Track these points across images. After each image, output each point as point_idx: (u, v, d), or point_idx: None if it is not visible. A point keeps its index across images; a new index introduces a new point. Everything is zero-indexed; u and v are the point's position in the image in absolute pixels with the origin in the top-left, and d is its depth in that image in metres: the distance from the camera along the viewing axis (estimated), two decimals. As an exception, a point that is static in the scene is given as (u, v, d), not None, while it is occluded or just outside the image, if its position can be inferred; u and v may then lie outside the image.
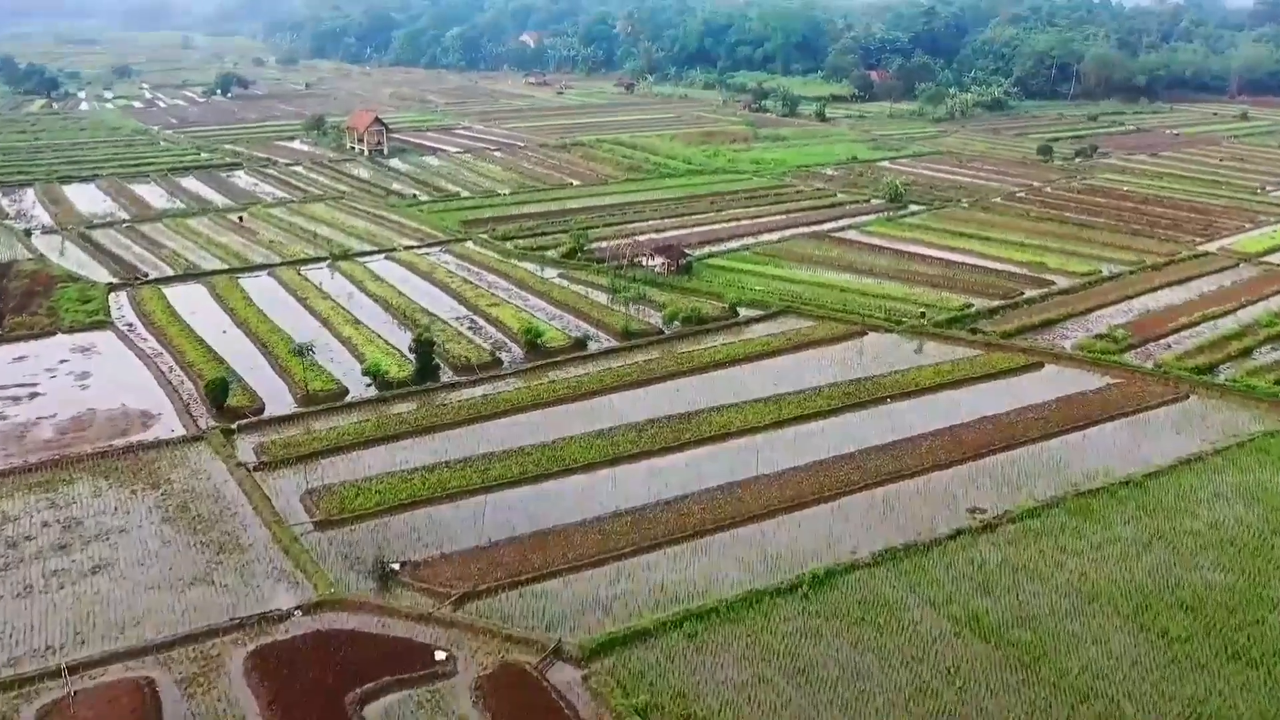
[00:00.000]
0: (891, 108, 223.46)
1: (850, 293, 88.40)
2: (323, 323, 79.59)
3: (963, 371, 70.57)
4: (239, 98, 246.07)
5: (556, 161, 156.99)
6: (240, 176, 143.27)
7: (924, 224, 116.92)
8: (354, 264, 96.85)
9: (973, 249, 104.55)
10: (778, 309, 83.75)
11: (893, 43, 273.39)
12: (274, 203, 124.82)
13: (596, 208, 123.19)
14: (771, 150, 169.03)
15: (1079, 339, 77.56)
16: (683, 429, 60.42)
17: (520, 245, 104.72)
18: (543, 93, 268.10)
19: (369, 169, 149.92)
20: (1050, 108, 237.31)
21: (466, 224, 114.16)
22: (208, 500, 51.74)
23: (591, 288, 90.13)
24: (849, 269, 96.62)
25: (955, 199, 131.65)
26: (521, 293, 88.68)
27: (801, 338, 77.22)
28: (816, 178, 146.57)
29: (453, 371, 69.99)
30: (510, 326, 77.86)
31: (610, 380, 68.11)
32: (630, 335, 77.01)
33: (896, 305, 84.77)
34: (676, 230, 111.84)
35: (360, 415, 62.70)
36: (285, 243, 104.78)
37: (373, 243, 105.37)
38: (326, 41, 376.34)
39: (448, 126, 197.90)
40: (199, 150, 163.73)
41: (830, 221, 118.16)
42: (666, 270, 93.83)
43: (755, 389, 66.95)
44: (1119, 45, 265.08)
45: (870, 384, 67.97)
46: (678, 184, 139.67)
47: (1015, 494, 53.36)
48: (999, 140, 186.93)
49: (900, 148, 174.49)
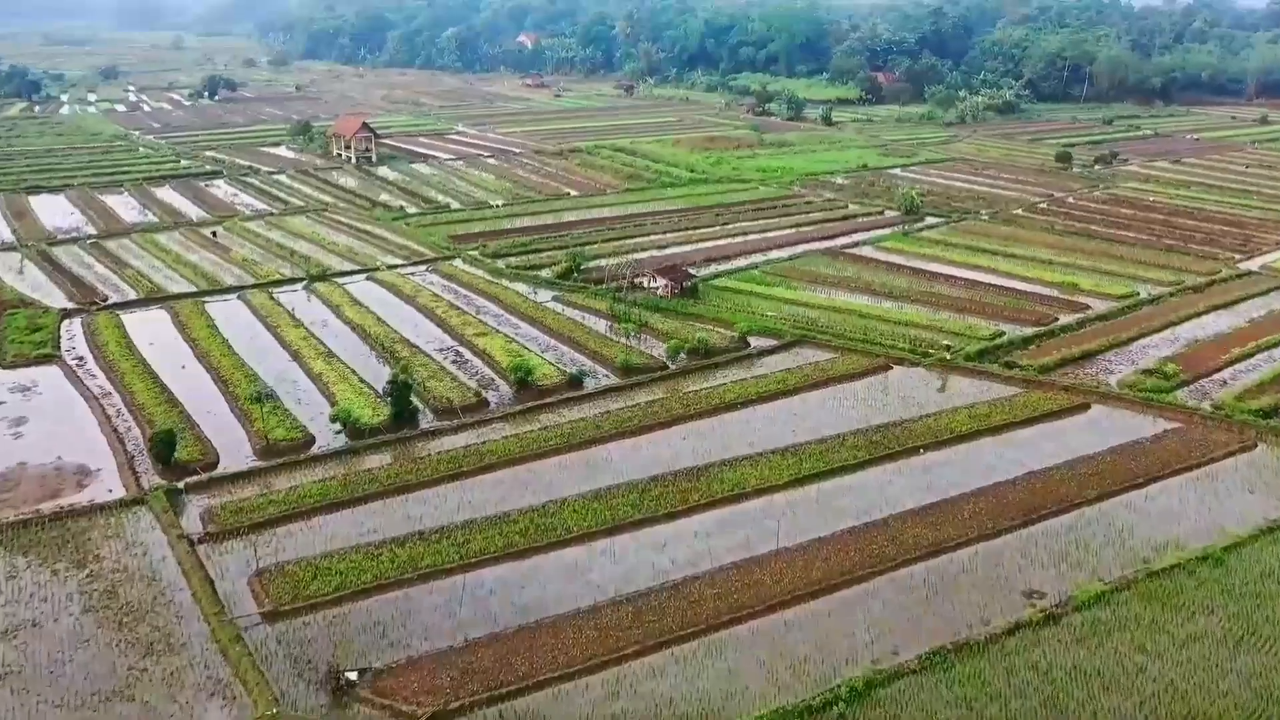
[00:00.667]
0: (900, 111, 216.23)
1: (870, 319, 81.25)
2: (293, 355, 72.37)
3: (1001, 415, 63.32)
4: (227, 100, 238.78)
5: (553, 169, 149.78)
6: (219, 186, 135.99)
7: (943, 239, 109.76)
8: (332, 286, 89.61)
9: (998, 267, 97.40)
10: (792, 339, 76.56)
11: (899, 44, 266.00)
12: (252, 215, 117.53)
13: (594, 221, 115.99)
14: (778, 157, 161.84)
15: (1125, 374, 70.34)
16: (691, 488, 53.21)
17: (512, 264, 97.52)
18: (540, 95, 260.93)
19: (356, 178, 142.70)
20: (1063, 111, 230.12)
21: (455, 239, 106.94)
22: (141, 583, 44.52)
23: (588, 313, 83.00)
24: (866, 291, 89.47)
25: (974, 210, 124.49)
26: (512, 319, 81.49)
27: (820, 373, 69.99)
28: (826, 187, 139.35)
29: (433, 414, 62.81)
30: (499, 360, 70.63)
31: (608, 427, 60.88)
32: (631, 371, 69.80)
33: (920, 333, 77.63)
34: (679, 246, 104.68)
35: (326, 470, 55.44)
36: (260, 261, 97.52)
37: (354, 261, 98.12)
38: (320, 42, 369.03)
39: (440, 131, 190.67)
40: (179, 157, 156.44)
41: (843, 236, 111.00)
42: (670, 293, 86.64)
43: (771, 437, 59.77)
44: (1132, 46, 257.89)
45: (899, 430, 60.74)
46: (680, 194, 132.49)
47: (1076, 572, 46.12)
48: (1013, 145, 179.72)
49: (911, 154, 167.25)
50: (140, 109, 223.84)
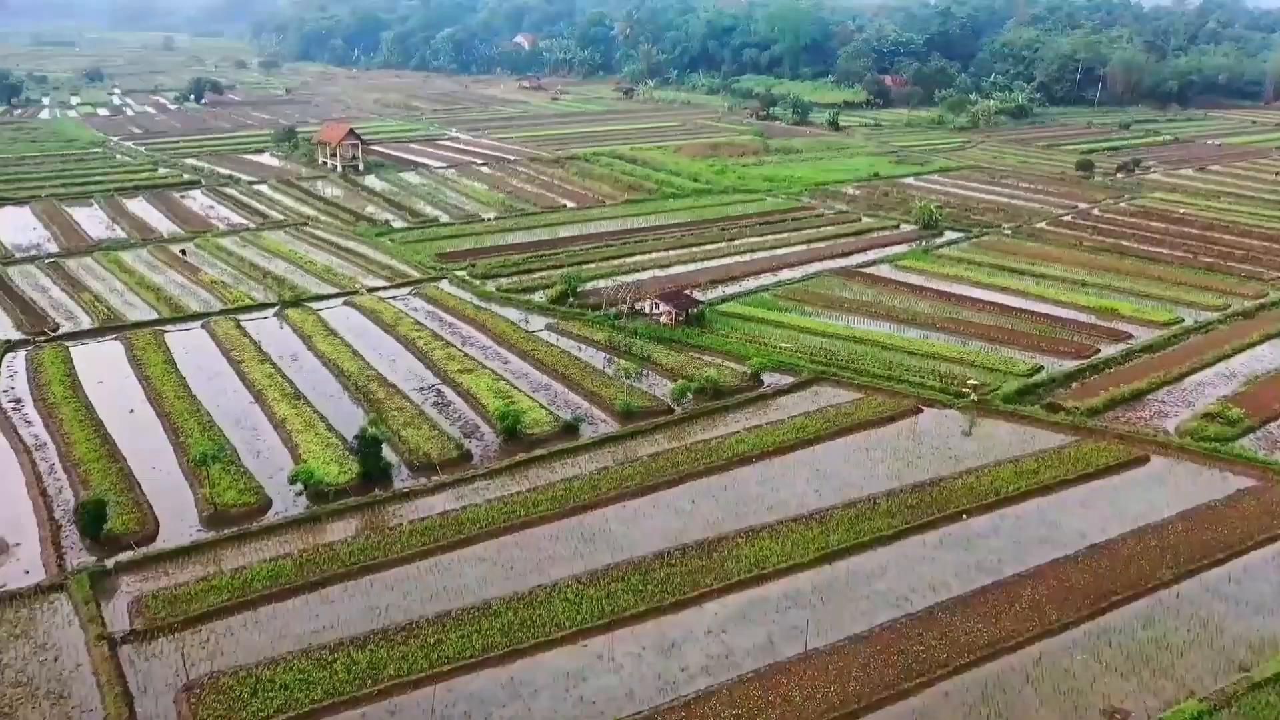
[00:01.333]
0: (909, 115, 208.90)
1: (893, 350, 73.98)
2: (255, 396, 65.02)
3: (1050, 470, 55.98)
4: (213, 104, 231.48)
5: (549, 179, 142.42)
6: (195, 198, 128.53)
7: (966, 256, 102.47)
8: (306, 312, 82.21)
9: (1028, 290, 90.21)
10: (809, 375, 69.21)
11: (906, 45, 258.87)
12: (226, 230, 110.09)
13: (592, 237, 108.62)
14: (784, 165, 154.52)
15: (1183, 419, 63.02)
16: (703, 568, 45.83)
17: (503, 286, 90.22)
18: (537, 98, 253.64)
19: (341, 188, 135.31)
20: (1077, 115, 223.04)
21: (443, 257, 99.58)
22: (45, 701, 37.17)
23: (585, 344, 75.69)
24: (887, 317, 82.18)
25: (994, 224, 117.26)
26: (501, 351, 74.14)
27: (843, 418, 62.62)
28: (836, 198, 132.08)
29: (408, 470, 55.48)
30: (484, 403, 63.28)
31: (607, 486, 53.50)
32: (632, 415, 62.45)
33: (951, 368, 70.36)
34: (683, 266, 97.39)
35: (280, 544, 48.03)
36: (230, 283, 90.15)
37: (333, 283, 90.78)
38: (312, 43, 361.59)
39: (432, 137, 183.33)
40: (156, 165, 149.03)
41: (858, 253, 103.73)
42: (673, 321, 79.28)
43: (792, 499, 52.47)
44: (1146, 48, 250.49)
45: (937, 491, 53.38)
46: (683, 206, 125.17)
47: (1163, 683, 38.79)
48: (1029, 152, 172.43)
49: (924, 161, 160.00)
50: (123, 113, 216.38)
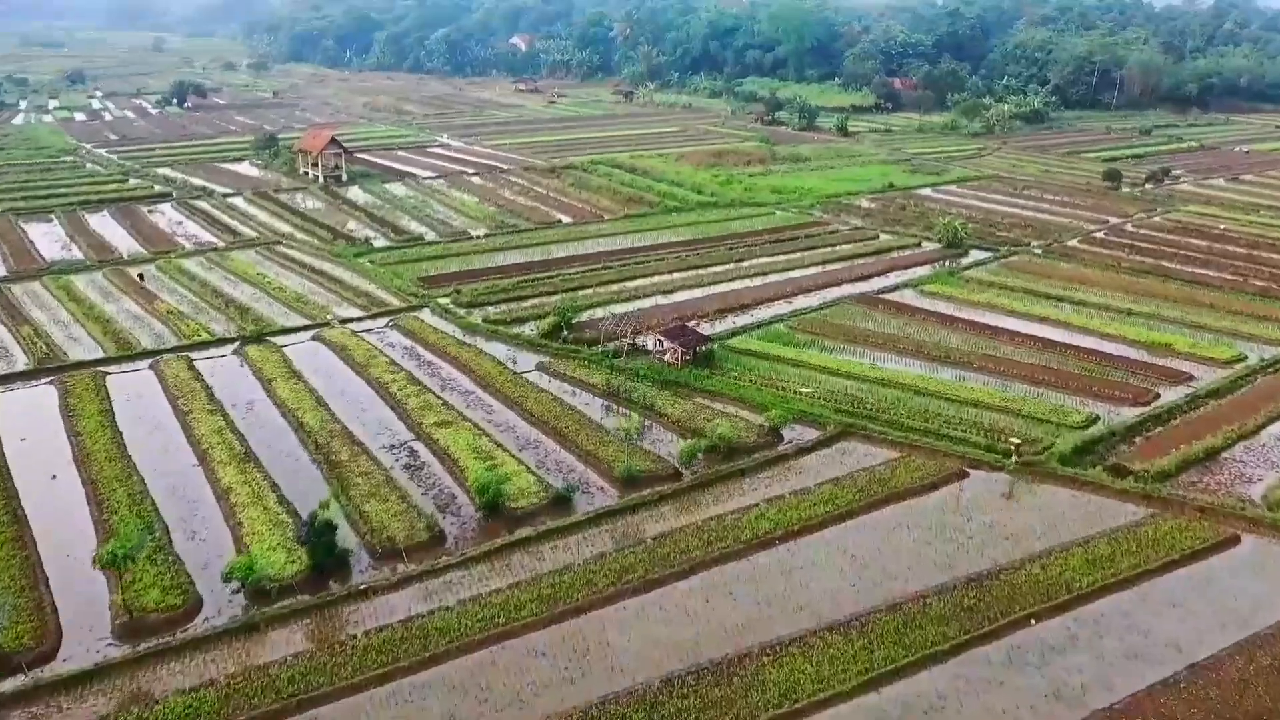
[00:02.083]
0: (921, 120, 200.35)
1: (927, 395, 65.55)
2: (200, 457, 56.53)
3: (1127, 556, 47.45)
4: (197, 108, 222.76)
5: (543, 190, 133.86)
6: (164, 212, 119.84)
7: (996, 279, 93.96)
8: (269, 349, 73.62)
9: (1069, 320, 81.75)
10: (836, 428, 60.70)
11: (915, 46, 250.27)
12: (192, 250, 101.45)
13: (589, 257, 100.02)
14: (793, 174, 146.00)
15: (1269, 484, 54.57)
16: (722, 699, 37.30)
17: (490, 317, 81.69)
18: (533, 101, 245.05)
19: (321, 200, 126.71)
20: (1094, 119, 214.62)
21: (425, 282, 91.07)
22: None
23: (580, 388, 67.21)
24: (917, 354, 73.70)
25: (1023, 241, 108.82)
26: (486, 398, 65.62)
27: (878, 485, 54.10)
28: (851, 211, 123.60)
29: (369, 556, 46.99)
30: (463, 467, 54.79)
31: (604, 582, 44.93)
32: (634, 482, 53.94)
33: (995, 418, 62.00)
34: (688, 292, 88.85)
35: (205, 664, 39.45)
36: (189, 313, 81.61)
37: (302, 313, 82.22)
38: (304, 44, 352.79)
39: (422, 144, 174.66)
40: (127, 175, 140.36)
41: (878, 276, 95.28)
42: (679, 360, 70.75)
43: (825, 597, 43.97)
44: (1163, 50, 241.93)
45: (997, 586, 44.85)
46: (687, 222, 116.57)
47: None
48: (1050, 160, 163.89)
49: (940, 170, 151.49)
50: (101, 117, 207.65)
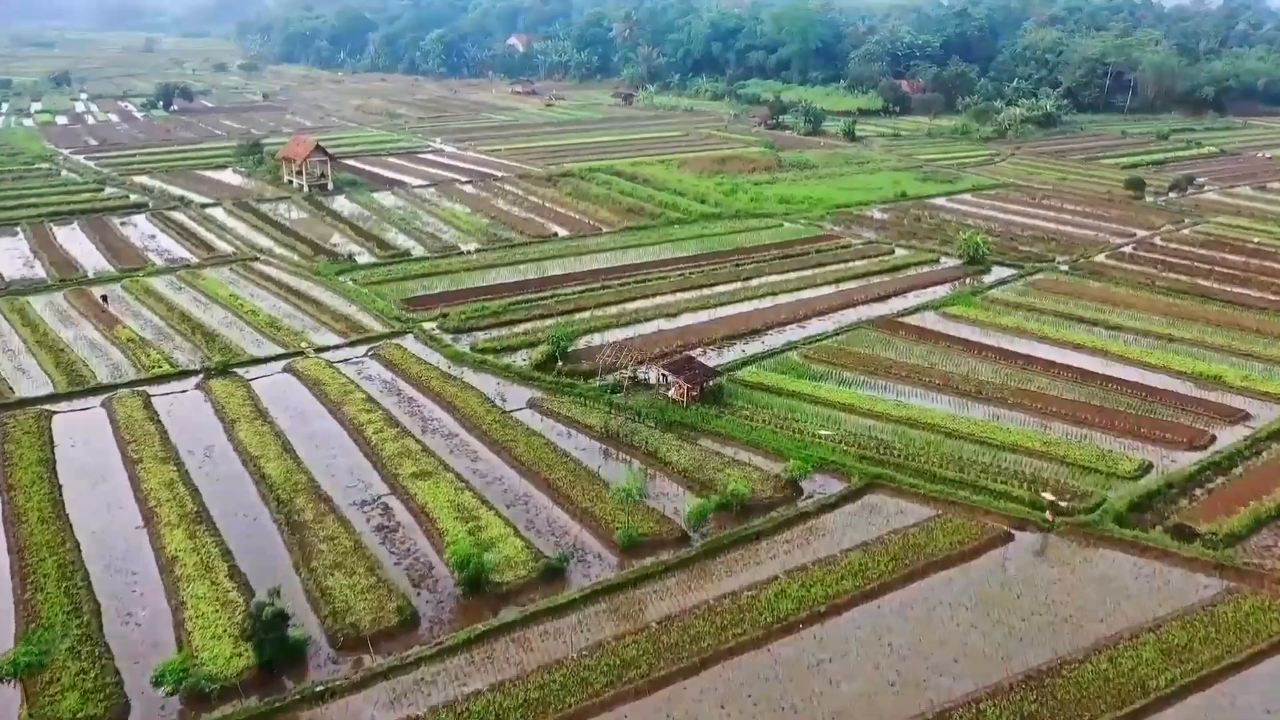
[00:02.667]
0: (931, 125, 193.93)
1: (959, 438, 59.31)
2: (146, 516, 50.17)
3: (1206, 645, 41.03)
4: (184, 111, 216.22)
5: (539, 200, 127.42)
6: (138, 224, 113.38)
7: (1023, 300, 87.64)
8: (235, 383, 67.20)
9: (1107, 348, 75.44)
10: (861, 480, 54.34)
11: (922, 48, 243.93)
12: (163, 268, 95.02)
13: (585, 275, 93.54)
14: (800, 183, 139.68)
15: (1354, 549, 48.31)
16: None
17: (479, 344, 75.28)
18: (530, 104, 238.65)
19: (304, 211, 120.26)
20: (1108, 123, 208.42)
21: (411, 303, 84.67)
22: None
23: (575, 429, 60.92)
24: (944, 387, 67.38)
25: (1047, 257, 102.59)
26: (471, 442, 59.27)
27: (912, 552, 47.71)
28: (863, 223, 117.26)
29: (330, 646, 40.62)
30: (442, 530, 48.45)
31: (600, 682, 38.52)
32: (635, 548, 47.58)
33: (1036, 464, 55.85)
34: (693, 315, 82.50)
35: (126, 795, 33.25)
36: (152, 340, 75.20)
37: (275, 340, 75.79)
38: (297, 45, 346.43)
39: (414, 149, 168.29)
40: (103, 184, 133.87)
41: (896, 296, 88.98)
42: (685, 397, 64.37)
43: (860, 701, 37.59)
44: (1178, 51, 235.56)
45: (1060, 686, 38.44)
46: (690, 235, 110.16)
47: None
48: (1065, 167, 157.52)
49: (954, 178, 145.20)
50: (84, 121, 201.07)
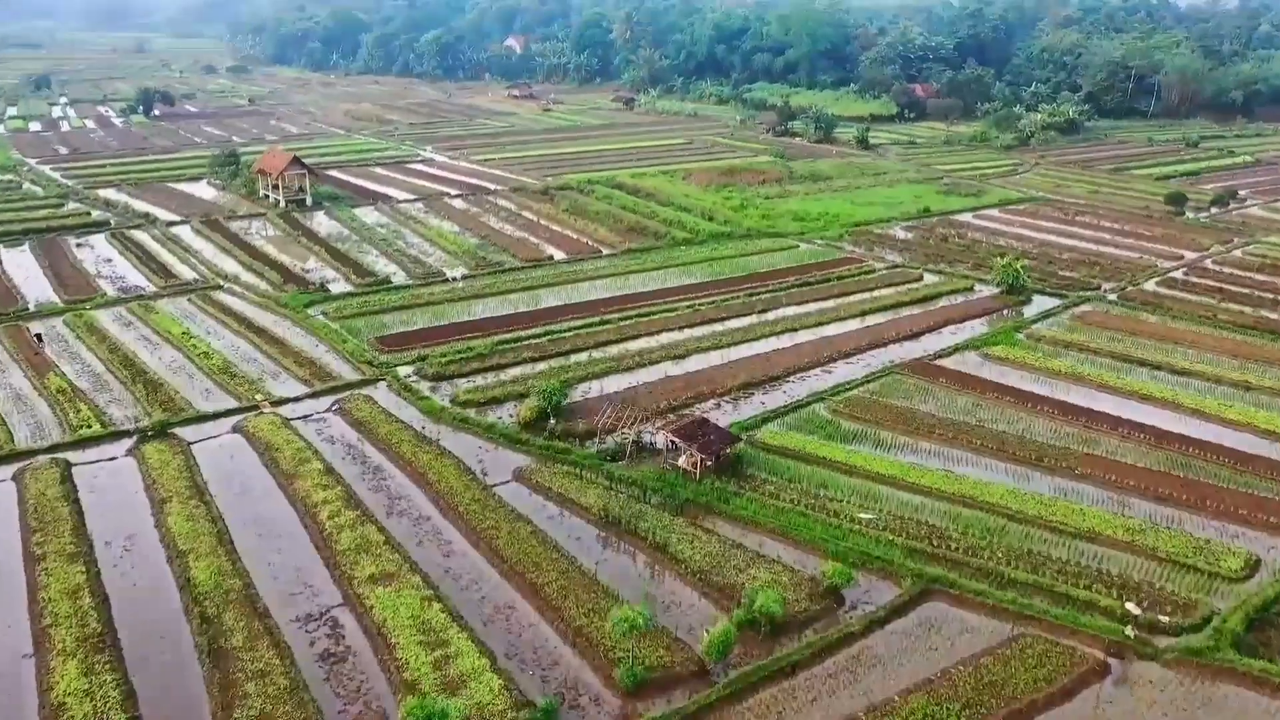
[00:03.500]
0: (948, 132, 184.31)
1: (1024, 521, 50.19)
2: (36, 642, 40.75)
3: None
4: (165, 116, 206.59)
5: (533, 217, 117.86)
6: (95, 246, 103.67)
7: (1072, 338, 78.21)
8: (173, 448, 57.65)
9: (1178, 399, 66.20)
10: (914, 586, 44.87)
11: (935, 49, 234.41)
12: (114, 298, 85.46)
13: (584, 307, 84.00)
14: (815, 197, 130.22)
15: None
16: None
17: (461, 395, 65.79)
18: (527, 108, 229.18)
19: (279, 229, 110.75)
20: (1132, 129, 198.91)
21: (386, 342, 75.13)
22: None
23: (569, 510, 51.62)
24: (999, 451, 58.10)
25: (1090, 283, 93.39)
26: (444, 528, 49.81)
27: (988, 693, 38.13)
28: (885, 243, 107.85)
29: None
30: (402, 657, 39.06)
31: None
32: (642, 690, 38.13)
33: (1121, 559, 46.87)
34: (703, 357, 73.07)
35: None
36: (88, 389, 65.77)
37: (228, 389, 66.31)
38: (289, 46, 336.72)
39: (403, 159, 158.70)
40: (65, 199, 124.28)
41: (930, 333, 79.62)
42: (698, 468, 54.91)
43: None
44: (1203, 53, 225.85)
45: None
46: (698, 258, 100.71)
47: None
48: (1095, 178, 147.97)
49: (979, 191, 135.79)
50: (58, 128, 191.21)
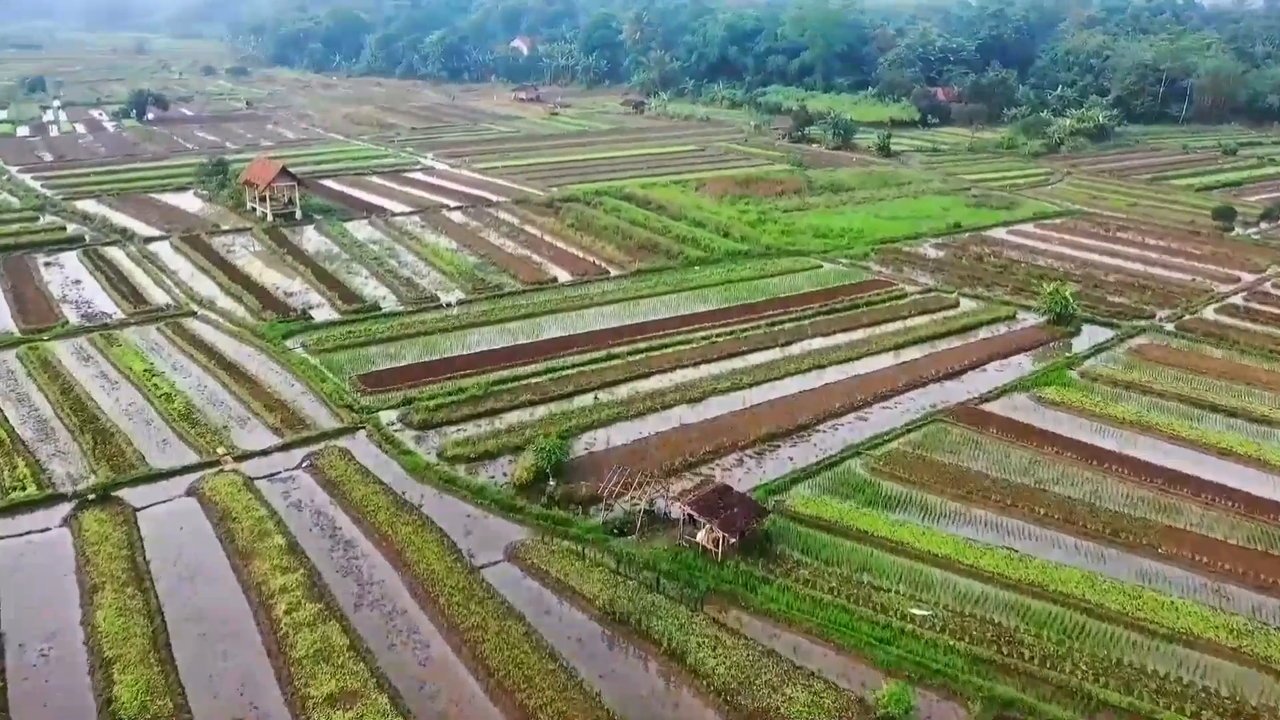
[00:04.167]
0: (973, 139, 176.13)
1: (1106, 618, 42.76)
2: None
3: None
4: (159, 120, 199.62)
5: (536, 232, 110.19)
6: (65, 265, 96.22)
7: (1131, 377, 70.30)
8: (115, 518, 50.14)
9: (1264, 455, 58.71)
10: (985, 714, 37.09)
11: (956, 51, 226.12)
12: (75, 327, 78.01)
13: (589, 338, 76.32)
14: (836, 210, 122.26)
15: None
16: None
17: (450, 448, 58.24)
18: (533, 112, 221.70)
19: (264, 246, 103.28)
20: (1164, 135, 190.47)
21: (370, 381, 67.58)
22: None
23: (570, 601, 43.88)
24: (1067, 523, 50.55)
25: (1143, 310, 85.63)
26: (420, 624, 42.21)
27: None
28: (915, 263, 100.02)
29: None
30: (357, 823, 31.47)
31: None
32: None
33: (1228, 669, 38.95)
34: (721, 400, 65.44)
35: None
36: (31, 439, 58.45)
37: (188, 440, 58.84)
38: (290, 47, 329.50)
39: (402, 167, 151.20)
40: (40, 211, 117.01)
41: (973, 370, 71.88)
42: (720, 548, 47.21)
43: None
44: (1237, 55, 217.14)
45: None
46: (714, 280, 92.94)
47: None
48: (1134, 189, 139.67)
49: (1010, 203, 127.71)
50: (47, 132, 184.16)
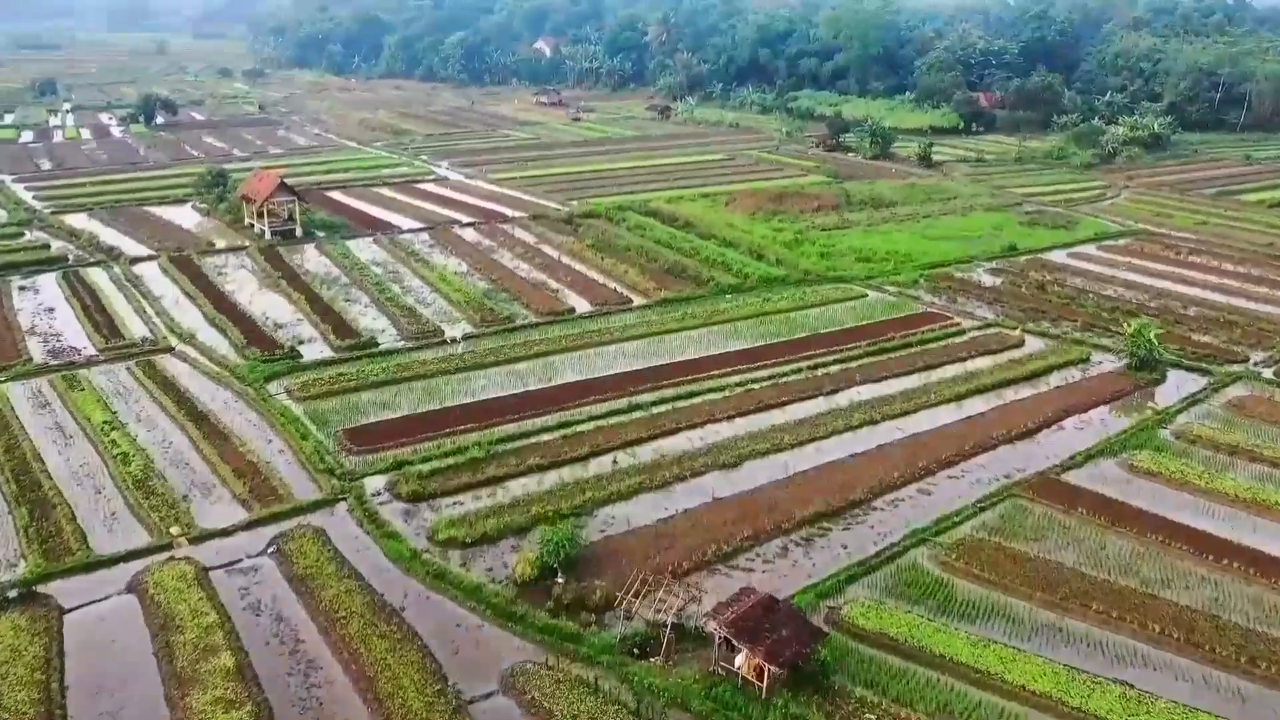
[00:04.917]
0: (1020, 149, 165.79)
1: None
2: None
3: None
4: (168, 125, 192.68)
5: (554, 253, 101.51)
6: (41, 289, 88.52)
7: (1233, 438, 60.82)
8: (38, 621, 41.88)
9: None
10: None
11: (998, 54, 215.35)
12: (37, 367, 70.05)
13: (607, 383, 67.56)
14: (878, 229, 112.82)
15: None
16: None
17: (442, 528, 49.68)
18: (555, 116, 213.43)
19: (258, 268, 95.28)
20: (1223, 145, 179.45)
21: (358, 436, 59.16)
22: None
23: (576, 756, 35.05)
24: (1186, 643, 41.33)
25: (1232, 352, 75.87)
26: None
27: None
28: (969, 291, 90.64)
29: None
30: None
31: None
32: None
33: None
34: (760, 464, 56.57)
35: None
36: (-41, 514, 50.35)
37: (138, 514, 50.62)
38: (310, 48, 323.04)
39: (415, 177, 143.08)
40: (26, 226, 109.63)
41: (1047, 428, 62.46)
42: (766, 680, 38.28)
43: None
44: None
45: None
46: (748, 311, 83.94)
47: None
48: (1200, 205, 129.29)
49: (1068, 222, 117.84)
50: (50, 138, 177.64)
